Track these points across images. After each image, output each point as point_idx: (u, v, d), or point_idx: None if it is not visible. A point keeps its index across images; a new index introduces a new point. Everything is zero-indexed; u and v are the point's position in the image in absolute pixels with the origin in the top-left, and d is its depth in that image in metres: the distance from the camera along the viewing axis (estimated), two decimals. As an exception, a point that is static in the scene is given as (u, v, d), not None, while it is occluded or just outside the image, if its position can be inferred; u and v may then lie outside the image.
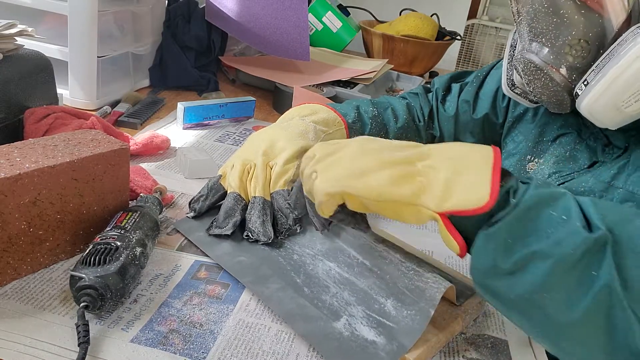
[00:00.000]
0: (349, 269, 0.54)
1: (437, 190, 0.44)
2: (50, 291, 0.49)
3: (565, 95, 0.58)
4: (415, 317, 0.48)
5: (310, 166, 0.51)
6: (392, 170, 0.46)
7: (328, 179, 0.48)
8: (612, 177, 0.61)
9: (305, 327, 0.49)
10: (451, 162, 0.46)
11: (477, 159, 0.45)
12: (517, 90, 0.69)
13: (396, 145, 0.50)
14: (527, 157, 0.75)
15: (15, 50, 0.71)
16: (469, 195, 0.43)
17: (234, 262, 0.56)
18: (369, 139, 0.52)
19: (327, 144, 0.52)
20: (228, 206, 0.60)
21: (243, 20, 1.15)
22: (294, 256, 0.57)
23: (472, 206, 0.43)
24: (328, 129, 0.71)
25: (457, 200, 0.43)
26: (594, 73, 0.54)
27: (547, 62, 0.58)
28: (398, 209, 0.46)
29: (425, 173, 0.46)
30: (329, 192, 0.48)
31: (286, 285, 0.53)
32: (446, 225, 0.44)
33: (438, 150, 0.48)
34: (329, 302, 0.51)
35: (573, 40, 0.56)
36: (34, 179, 0.48)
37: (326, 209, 0.50)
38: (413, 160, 0.47)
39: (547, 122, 0.73)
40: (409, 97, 0.90)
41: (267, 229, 0.58)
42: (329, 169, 0.49)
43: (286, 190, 0.60)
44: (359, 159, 0.48)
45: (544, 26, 0.58)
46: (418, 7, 1.65)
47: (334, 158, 0.50)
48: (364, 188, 0.46)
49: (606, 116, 0.54)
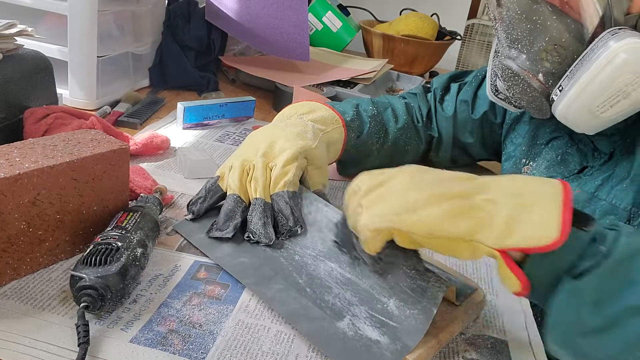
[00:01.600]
0: (350, 269, 0.54)
1: (499, 226, 0.41)
2: (49, 291, 0.49)
3: (543, 100, 0.58)
4: (418, 316, 0.48)
5: (356, 200, 0.48)
6: (447, 204, 0.43)
7: (374, 214, 0.45)
8: (596, 188, 0.61)
9: (309, 327, 0.49)
10: (514, 197, 0.43)
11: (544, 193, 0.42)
12: (500, 96, 0.69)
13: (450, 176, 0.47)
14: (522, 160, 0.75)
15: (15, 50, 0.71)
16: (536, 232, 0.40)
17: (235, 264, 0.56)
18: (419, 169, 0.48)
19: (373, 175, 0.49)
20: (228, 208, 0.60)
21: (243, 20, 1.15)
22: (296, 257, 0.57)
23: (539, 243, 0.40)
24: (326, 127, 0.70)
25: (522, 238, 0.40)
26: (568, 79, 0.54)
27: (524, 69, 0.57)
28: (452, 245, 0.43)
29: (485, 208, 0.42)
30: (376, 228, 0.45)
31: (289, 286, 0.53)
32: (507, 262, 0.41)
33: (498, 183, 0.45)
34: (332, 302, 0.51)
35: (548, 46, 0.56)
36: (34, 179, 0.48)
37: (372, 245, 0.48)
38: (470, 194, 0.44)
39: (541, 125, 0.73)
40: (408, 97, 0.90)
41: (268, 230, 0.58)
42: (375, 203, 0.46)
43: (286, 191, 0.59)
44: (409, 193, 0.45)
45: (519, 32, 0.57)
46: (418, 7, 1.65)
47: (381, 191, 0.47)
48: (415, 224, 0.43)
49: (582, 121, 0.54)
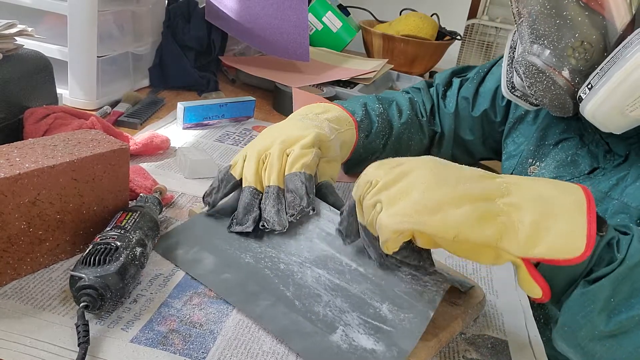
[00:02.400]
0: (340, 275, 0.52)
1: (523, 234, 0.40)
2: (50, 291, 0.49)
3: (567, 98, 0.57)
4: (414, 319, 0.47)
5: (373, 194, 0.46)
6: (471, 207, 0.41)
7: (397, 214, 0.43)
8: (610, 187, 0.60)
9: (301, 344, 0.47)
10: (538, 203, 0.42)
11: (569, 202, 0.41)
12: (517, 93, 0.67)
13: (470, 175, 0.45)
14: (529, 160, 0.74)
15: (15, 50, 0.71)
16: (562, 244, 0.40)
17: (218, 281, 0.53)
18: (438, 163, 0.46)
19: (389, 166, 0.47)
20: (246, 201, 0.57)
21: (243, 20, 1.15)
22: (281, 265, 0.54)
23: (566, 256, 0.39)
24: (340, 127, 0.69)
25: (548, 249, 0.40)
26: (598, 77, 0.52)
27: (549, 65, 0.56)
28: (476, 250, 0.42)
29: (508, 213, 0.41)
30: (399, 230, 0.43)
31: (277, 301, 0.51)
32: (530, 271, 0.41)
33: (520, 186, 0.44)
34: (323, 314, 0.49)
35: (576, 42, 0.54)
36: (34, 179, 0.48)
37: (392, 246, 0.45)
38: (493, 196, 0.43)
39: (549, 126, 0.72)
40: (411, 91, 0.89)
41: (282, 218, 0.56)
42: (396, 200, 0.44)
43: (303, 173, 0.56)
44: (431, 191, 0.43)
45: (546, 28, 0.56)
46: (418, 7, 1.65)
47: (402, 187, 0.44)
48: (440, 227, 0.41)
49: (610, 121, 0.52)
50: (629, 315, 0.39)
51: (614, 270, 0.40)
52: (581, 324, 0.41)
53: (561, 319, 0.42)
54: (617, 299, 0.39)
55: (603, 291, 0.40)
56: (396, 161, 0.47)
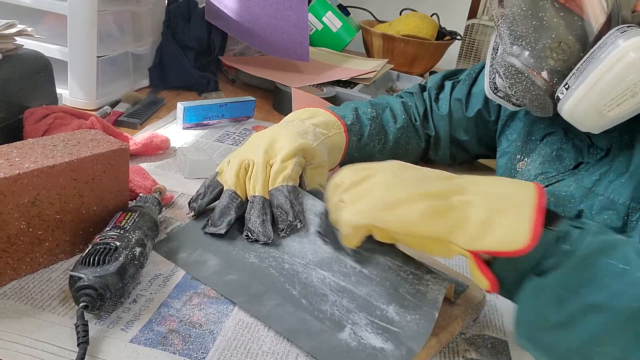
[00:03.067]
0: (345, 277, 0.53)
1: (472, 228, 0.43)
2: (49, 291, 0.49)
3: (547, 98, 0.57)
4: (420, 321, 0.47)
5: (338, 194, 0.49)
6: (426, 203, 0.44)
7: (356, 211, 0.46)
8: (594, 183, 0.60)
9: (310, 342, 0.47)
10: (490, 199, 0.44)
11: (519, 197, 0.43)
12: (499, 94, 0.68)
13: (431, 175, 0.48)
14: (517, 157, 0.75)
15: (14, 50, 0.71)
16: (507, 237, 0.41)
17: (223, 282, 0.53)
18: (402, 165, 0.49)
19: (355, 170, 0.50)
20: (223, 204, 0.59)
21: (243, 20, 1.15)
22: (285, 265, 0.55)
23: (509, 248, 0.41)
24: (328, 132, 0.70)
25: (492, 242, 0.42)
26: (575, 77, 0.53)
27: (528, 66, 0.57)
28: (427, 244, 0.45)
29: (461, 209, 0.44)
30: (356, 225, 0.47)
31: (283, 301, 0.51)
32: (478, 264, 0.43)
33: (476, 185, 0.46)
34: (330, 312, 0.50)
35: (553, 43, 0.55)
36: (33, 179, 0.48)
37: (352, 240, 0.49)
38: (448, 194, 0.45)
39: (535, 121, 0.73)
40: (405, 96, 0.90)
41: (267, 228, 0.58)
42: (357, 199, 0.47)
43: (286, 186, 0.59)
44: (391, 190, 0.46)
45: (523, 29, 0.57)
46: (418, 7, 1.65)
47: (364, 187, 0.47)
48: (394, 222, 0.44)
49: (588, 120, 0.53)
50: (578, 305, 0.40)
51: (562, 263, 0.41)
52: (533, 316, 0.42)
53: (516, 315, 0.43)
54: (566, 290, 0.40)
55: (552, 283, 0.41)
56: (364, 165, 0.50)
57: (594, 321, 0.39)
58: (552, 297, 0.41)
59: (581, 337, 0.39)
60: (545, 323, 0.41)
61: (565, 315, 0.40)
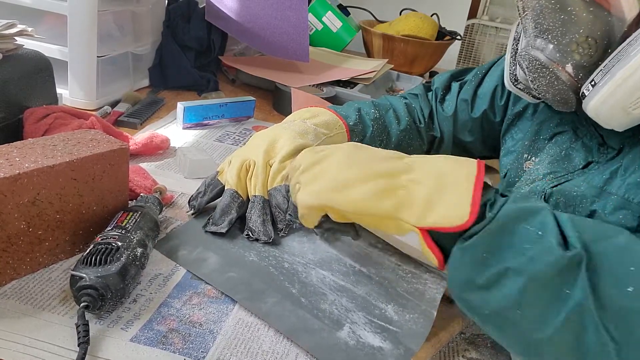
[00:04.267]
0: (344, 277, 0.53)
1: (418, 205, 0.45)
2: (49, 291, 0.49)
3: (570, 94, 0.57)
4: (419, 320, 0.48)
5: (295, 177, 0.51)
6: (375, 183, 0.46)
7: (310, 192, 0.48)
8: (605, 182, 0.59)
9: (309, 340, 0.48)
10: (434, 177, 0.46)
11: (461, 175, 0.45)
12: (519, 86, 0.67)
13: (382, 156, 0.50)
14: (524, 156, 0.74)
15: (15, 50, 0.71)
16: (450, 213, 0.43)
17: (224, 279, 0.54)
18: (357, 146, 0.51)
19: (312, 152, 0.52)
20: (224, 203, 0.59)
21: (243, 20, 1.15)
22: (285, 264, 0.55)
23: (452, 224, 0.43)
24: (329, 132, 0.70)
25: (438, 217, 0.43)
26: (602, 73, 0.52)
27: (553, 60, 0.56)
28: (379, 222, 0.46)
29: (408, 187, 0.46)
30: (309, 205, 0.48)
31: (283, 299, 0.51)
32: (425, 239, 0.45)
33: (422, 163, 0.48)
34: (329, 311, 0.50)
35: (580, 37, 0.54)
36: (34, 178, 0.48)
37: (309, 220, 0.51)
38: (397, 173, 0.47)
39: (544, 120, 0.72)
40: (409, 97, 0.89)
41: (267, 228, 0.58)
42: (311, 181, 0.49)
43: (284, 185, 0.59)
44: (343, 171, 0.48)
45: (550, 23, 0.56)
46: (418, 7, 1.65)
47: (318, 169, 0.49)
48: (344, 202, 0.46)
49: (613, 118, 0.53)
50: (498, 269, 0.41)
51: (485, 227, 0.42)
52: (460, 277, 0.44)
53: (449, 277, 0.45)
54: (488, 253, 0.42)
55: (476, 246, 0.42)
56: (321, 147, 0.52)
57: (512, 284, 0.41)
58: (476, 259, 0.42)
59: (503, 299, 0.41)
60: (471, 284, 0.43)
61: (488, 278, 0.42)
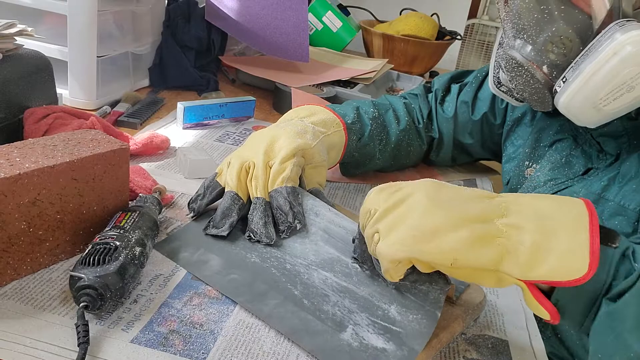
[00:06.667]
0: (347, 278, 0.53)
1: (524, 256, 0.39)
2: (50, 291, 0.49)
3: (546, 92, 0.57)
4: (422, 320, 0.47)
5: (371, 224, 0.46)
6: (467, 230, 0.40)
7: (393, 243, 0.43)
8: (603, 188, 0.60)
9: (312, 342, 0.47)
10: (536, 221, 0.40)
11: (570, 218, 0.40)
12: (503, 88, 0.68)
13: (468, 195, 0.44)
14: (525, 163, 0.74)
15: (14, 50, 0.71)
16: (563, 265, 0.38)
17: (226, 281, 0.53)
18: (435, 185, 0.45)
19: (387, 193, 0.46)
20: (225, 206, 0.59)
21: (243, 20, 1.15)
22: (287, 265, 0.55)
23: (568, 277, 0.38)
24: (327, 130, 0.70)
25: (548, 270, 0.39)
26: (572, 70, 0.53)
27: (528, 59, 0.57)
28: (476, 275, 0.42)
29: (507, 234, 0.40)
30: (396, 259, 0.43)
31: (285, 300, 0.51)
32: (534, 294, 0.40)
33: (519, 205, 0.42)
34: (332, 312, 0.50)
35: (554, 37, 0.55)
36: (34, 179, 0.48)
37: (395, 274, 0.46)
38: (491, 217, 0.42)
39: (544, 127, 0.73)
40: (408, 97, 0.89)
41: (269, 230, 0.58)
42: (392, 229, 0.43)
43: (285, 187, 0.58)
44: (428, 216, 0.42)
45: (525, 22, 0.57)
46: (418, 7, 1.65)
47: (398, 214, 0.44)
48: (436, 253, 0.41)
49: (584, 114, 0.53)
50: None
51: (635, 283, 0.38)
52: (614, 347, 0.39)
53: (592, 347, 0.40)
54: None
55: (629, 307, 0.38)
56: (395, 186, 0.47)
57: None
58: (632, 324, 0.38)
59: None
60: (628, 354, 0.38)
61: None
